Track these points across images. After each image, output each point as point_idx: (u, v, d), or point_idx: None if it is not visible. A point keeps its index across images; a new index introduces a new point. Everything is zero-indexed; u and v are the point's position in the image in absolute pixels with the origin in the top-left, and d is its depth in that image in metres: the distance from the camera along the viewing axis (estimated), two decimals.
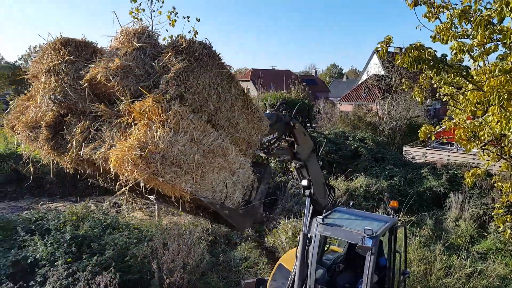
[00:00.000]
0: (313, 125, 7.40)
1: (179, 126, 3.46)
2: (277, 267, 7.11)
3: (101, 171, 3.77)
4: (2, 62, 70.82)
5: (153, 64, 3.84)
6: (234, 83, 4.12)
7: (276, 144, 5.90)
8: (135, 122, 3.55)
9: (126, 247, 8.54)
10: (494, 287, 9.19)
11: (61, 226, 9.09)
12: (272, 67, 61.05)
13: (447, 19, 6.39)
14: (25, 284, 7.30)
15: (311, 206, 5.92)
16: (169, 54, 3.74)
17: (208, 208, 4.38)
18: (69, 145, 4.01)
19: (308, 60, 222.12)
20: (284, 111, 5.90)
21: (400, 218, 6.31)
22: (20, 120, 4.40)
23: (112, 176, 3.47)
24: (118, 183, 3.49)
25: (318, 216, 5.87)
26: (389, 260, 6.15)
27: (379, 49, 5.94)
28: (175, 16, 10.68)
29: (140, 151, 3.21)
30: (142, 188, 3.41)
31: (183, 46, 3.76)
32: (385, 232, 5.79)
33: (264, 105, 28.75)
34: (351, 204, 7.20)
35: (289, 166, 18.16)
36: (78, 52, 4.19)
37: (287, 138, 6.14)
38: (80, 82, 3.95)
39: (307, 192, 5.76)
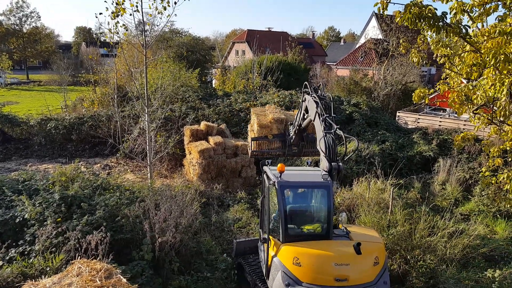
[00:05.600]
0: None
1: None
2: None
3: None
4: None
5: None
6: None
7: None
8: None
9: (117, 208, 8.54)
10: (474, 245, 9.60)
11: (50, 187, 9.00)
12: (269, 28, 59.12)
13: None
14: (14, 243, 7.33)
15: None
16: None
17: None
18: None
19: (306, 22, 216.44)
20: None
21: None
22: None
23: None
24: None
25: None
26: None
27: (379, 4, 5.68)
28: None
29: None
30: None
31: None
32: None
33: (260, 68, 28.28)
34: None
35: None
36: None
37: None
38: None
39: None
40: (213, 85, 37.39)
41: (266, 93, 23.19)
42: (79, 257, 6.65)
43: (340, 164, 6.64)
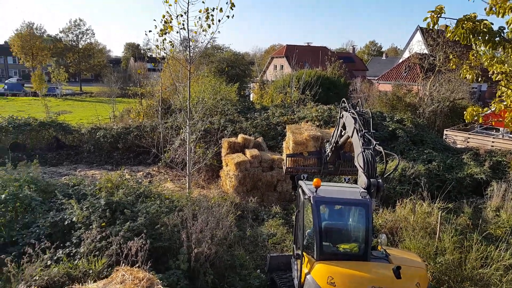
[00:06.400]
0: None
1: None
2: None
3: None
4: (45, 35, 72.97)
5: None
6: None
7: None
8: None
9: (157, 216, 8.75)
10: None
11: (97, 192, 9.45)
12: (308, 43, 59.31)
13: None
14: (61, 244, 7.69)
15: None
16: None
17: None
18: None
19: (345, 37, 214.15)
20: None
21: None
22: None
23: None
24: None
25: None
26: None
27: (428, 19, 5.46)
28: None
29: None
30: None
31: None
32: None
33: (298, 82, 28.22)
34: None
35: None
36: None
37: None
38: None
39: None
40: (251, 99, 37.78)
41: (304, 107, 23.03)
42: (122, 263, 6.85)
43: (380, 181, 6.34)
